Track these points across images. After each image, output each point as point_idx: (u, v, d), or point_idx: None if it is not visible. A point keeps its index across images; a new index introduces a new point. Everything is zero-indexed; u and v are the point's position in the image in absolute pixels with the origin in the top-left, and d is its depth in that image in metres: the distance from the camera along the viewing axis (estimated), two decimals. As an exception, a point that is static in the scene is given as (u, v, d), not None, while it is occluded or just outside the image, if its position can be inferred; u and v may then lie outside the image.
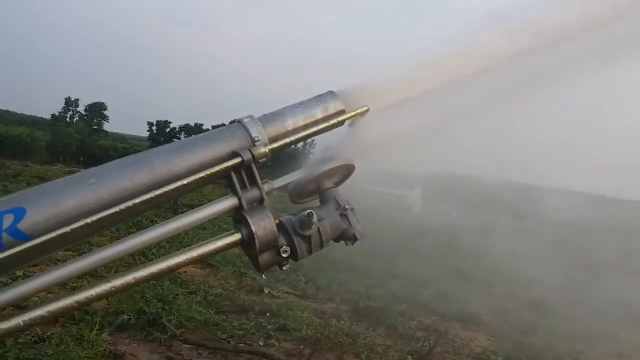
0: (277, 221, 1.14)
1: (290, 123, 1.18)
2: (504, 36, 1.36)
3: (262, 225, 1.09)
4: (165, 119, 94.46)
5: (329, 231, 1.21)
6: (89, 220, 0.94)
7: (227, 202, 1.10)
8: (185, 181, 1.03)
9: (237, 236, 1.10)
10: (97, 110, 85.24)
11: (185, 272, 9.71)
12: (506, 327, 9.90)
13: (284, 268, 1.18)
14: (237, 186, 1.10)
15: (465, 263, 16.64)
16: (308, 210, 1.15)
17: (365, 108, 1.27)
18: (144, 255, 7.13)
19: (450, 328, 8.72)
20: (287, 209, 1.28)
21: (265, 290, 9.26)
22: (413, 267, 14.91)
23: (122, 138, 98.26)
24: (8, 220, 0.90)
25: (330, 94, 1.26)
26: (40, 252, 0.94)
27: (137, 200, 0.99)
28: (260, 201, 1.12)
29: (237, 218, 1.13)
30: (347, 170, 1.30)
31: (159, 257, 1.09)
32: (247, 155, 1.08)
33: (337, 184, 1.31)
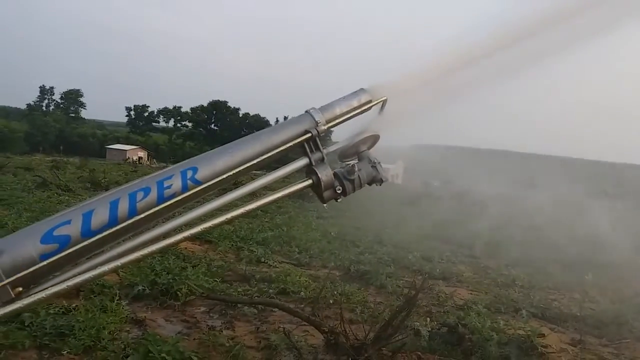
0: (333, 172, 1.82)
1: (338, 110, 1.85)
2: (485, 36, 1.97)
3: (325, 174, 1.78)
4: (144, 104, 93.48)
5: (365, 176, 1.87)
6: (232, 172, 1.63)
7: (302, 162, 1.78)
8: (282, 148, 1.72)
9: (309, 182, 1.80)
10: (73, 97, 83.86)
11: (186, 248, 10.29)
12: (487, 283, 10.76)
13: (339, 200, 1.87)
14: (308, 151, 1.78)
15: (447, 229, 17.48)
16: (352, 163, 1.84)
17: (385, 98, 1.93)
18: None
19: (435, 285, 9.52)
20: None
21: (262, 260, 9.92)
22: (398, 234, 15.70)
23: (101, 125, 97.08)
24: (190, 173, 1.58)
25: (362, 90, 1.92)
26: (207, 192, 1.63)
27: (255, 161, 1.67)
28: (322, 160, 1.79)
29: (308, 171, 1.81)
30: (374, 139, 1.96)
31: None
32: (314, 132, 1.75)
33: (369, 147, 1.97)
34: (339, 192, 1.80)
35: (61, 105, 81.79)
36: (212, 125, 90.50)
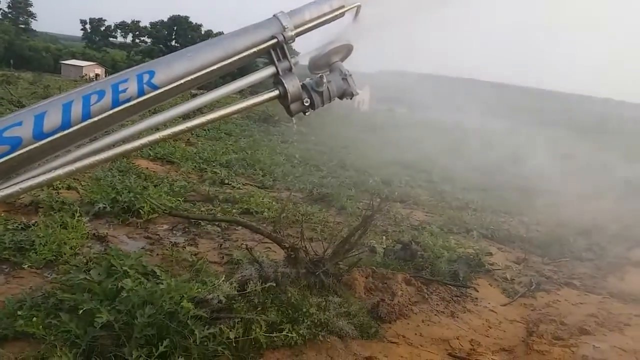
0: (301, 83, 1.70)
1: (307, 15, 1.71)
2: None
3: (292, 84, 1.66)
4: (100, 17, 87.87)
5: (335, 89, 1.77)
6: (191, 77, 1.53)
7: (268, 70, 1.66)
8: (246, 53, 1.61)
9: (275, 92, 1.68)
10: (21, 6, 77.64)
11: (147, 168, 10.21)
12: (442, 206, 11.24)
13: (307, 114, 1.77)
14: (275, 59, 1.65)
15: (408, 155, 17.83)
16: (321, 74, 1.73)
17: (358, 4, 1.79)
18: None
19: (393, 207, 9.88)
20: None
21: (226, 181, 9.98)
22: (361, 159, 15.95)
23: (54, 38, 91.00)
24: (146, 77, 1.48)
25: None
26: (164, 98, 1.53)
27: (216, 66, 1.57)
28: (290, 69, 1.67)
29: (275, 81, 1.69)
30: (347, 49, 1.82)
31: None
32: (280, 37, 1.62)
33: (342, 59, 1.84)
34: (307, 104, 1.70)
35: (9, 15, 75.84)
36: (173, 42, 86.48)
